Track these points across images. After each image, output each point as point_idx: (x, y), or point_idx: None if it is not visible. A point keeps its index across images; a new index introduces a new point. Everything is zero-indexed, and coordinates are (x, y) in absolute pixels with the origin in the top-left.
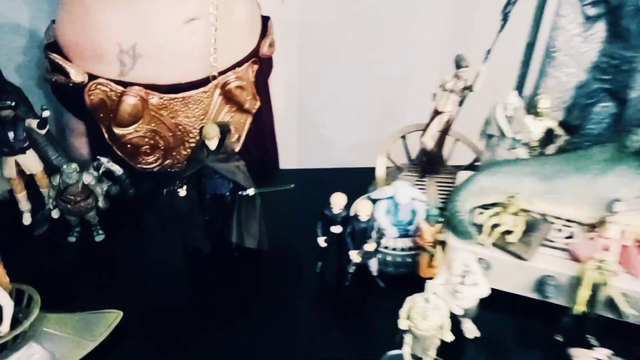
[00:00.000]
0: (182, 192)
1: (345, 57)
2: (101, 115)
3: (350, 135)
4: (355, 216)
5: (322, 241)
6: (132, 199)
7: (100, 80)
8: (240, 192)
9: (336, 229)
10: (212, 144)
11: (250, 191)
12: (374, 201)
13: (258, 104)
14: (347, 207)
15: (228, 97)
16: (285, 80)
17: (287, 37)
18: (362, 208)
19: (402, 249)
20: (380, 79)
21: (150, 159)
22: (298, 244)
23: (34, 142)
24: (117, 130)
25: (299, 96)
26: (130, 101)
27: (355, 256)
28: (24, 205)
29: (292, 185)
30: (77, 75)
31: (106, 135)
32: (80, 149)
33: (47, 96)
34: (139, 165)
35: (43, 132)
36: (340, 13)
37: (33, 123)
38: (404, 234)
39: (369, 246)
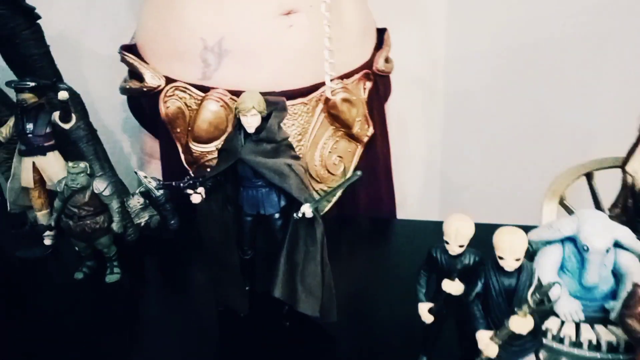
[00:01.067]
0: (196, 197)
1: (504, 86)
2: (178, 130)
3: (503, 181)
4: (494, 261)
5: (425, 312)
6: (173, 233)
7: (178, 84)
8: (295, 215)
9: (453, 288)
10: (251, 123)
11: (307, 210)
12: (535, 247)
13: (371, 130)
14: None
15: (333, 114)
16: (423, 110)
17: (428, 56)
18: (509, 244)
19: (594, 347)
20: (550, 112)
21: None
22: (389, 320)
23: (78, 154)
24: (195, 147)
25: (444, 130)
26: (211, 107)
27: (488, 345)
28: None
29: (359, 174)
30: (152, 79)
31: (182, 157)
32: (153, 171)
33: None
34: None
35: (67, 126)
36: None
37: (56, 115)
38: (599, 317)
39: (519, 325)
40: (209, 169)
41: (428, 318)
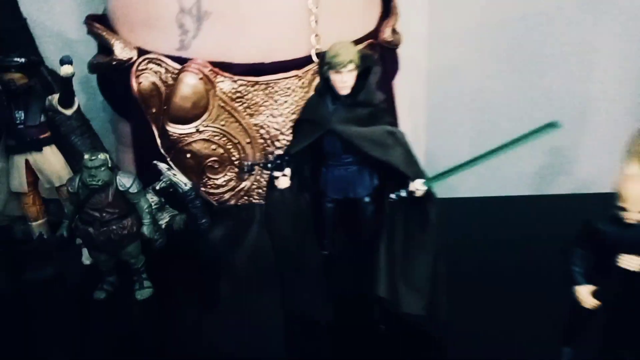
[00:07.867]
0: (283, 181)
1: (489, 61)
2: (152, 109)
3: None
4: None
5: (588, 296)
6: (204, 233)
7: (152, 55)
8: (392, 195)
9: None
10: (347, 82)
11: (419, 186)
12: None
13: None
14: None
15: None
16: (404, 88)
17: (411, 30)
18: None
19: None
20: (537, 85)
21: (219, 179)
22: (510, 314)
23: (72, 150)
24: (173, 129)
25: (428, 108)
26: (190, 81)
27: None
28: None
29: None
30: (122, 51)
31: (159, 141)
32: (128, 164)
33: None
34: (203, 190)
35: (69, 112)
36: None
37: (54, 98)
38: None
39: None
40: (188, 154)
41: (593, 302)
